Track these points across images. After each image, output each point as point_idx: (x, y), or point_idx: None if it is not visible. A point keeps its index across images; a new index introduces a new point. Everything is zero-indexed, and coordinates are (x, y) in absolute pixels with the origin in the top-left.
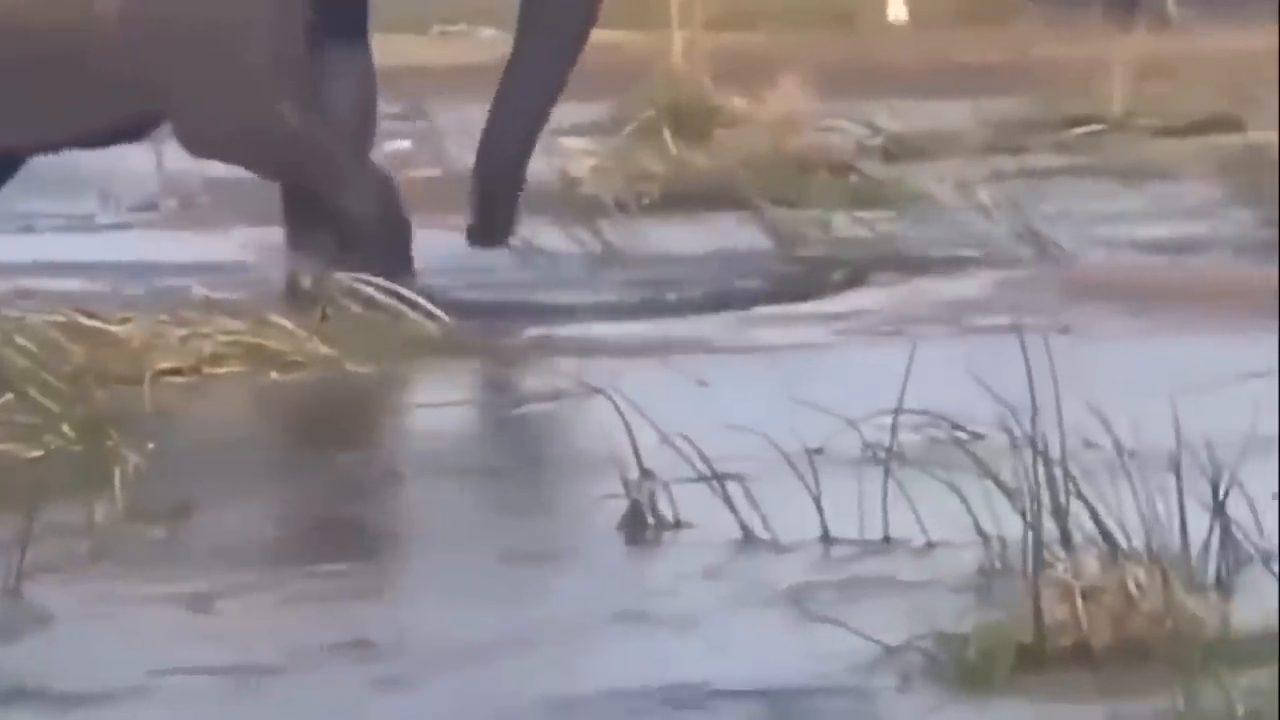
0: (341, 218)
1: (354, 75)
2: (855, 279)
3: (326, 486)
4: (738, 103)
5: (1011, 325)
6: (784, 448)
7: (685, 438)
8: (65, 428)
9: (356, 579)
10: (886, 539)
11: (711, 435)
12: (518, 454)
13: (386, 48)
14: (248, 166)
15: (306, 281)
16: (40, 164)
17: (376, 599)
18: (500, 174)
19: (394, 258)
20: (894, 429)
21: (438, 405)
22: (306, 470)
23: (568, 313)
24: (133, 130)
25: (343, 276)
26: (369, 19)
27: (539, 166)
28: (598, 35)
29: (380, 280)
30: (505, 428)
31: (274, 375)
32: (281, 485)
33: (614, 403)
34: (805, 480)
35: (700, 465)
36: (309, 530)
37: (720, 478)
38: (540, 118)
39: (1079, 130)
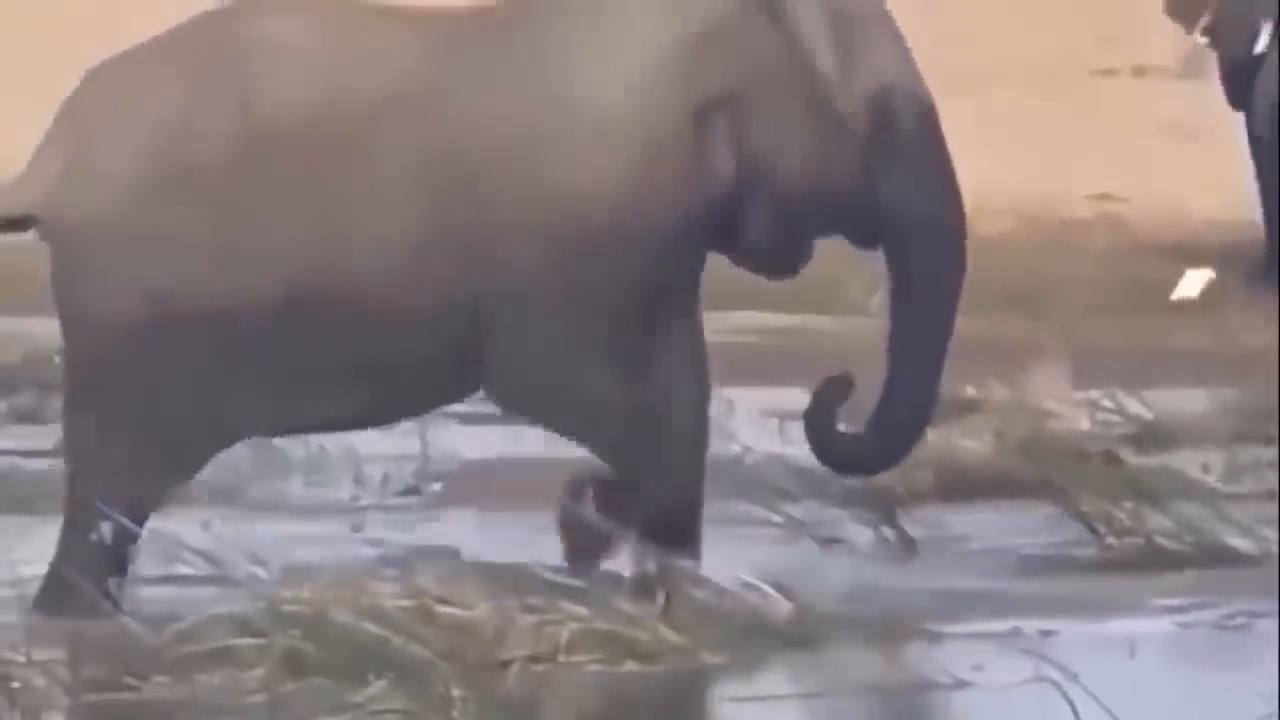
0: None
1: (685, 355)
2: (1173, 568)
3: None
4: (970, 389)
5: None
6: None
7: None
8: (456, 715)
9: None
10: None
11: None
12: None
13: None
14: (560, 429)
15: (650, 566)
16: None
17: None
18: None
19: (677, 541)
20: None
21: (822, 696)
22: None
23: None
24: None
25: (686, 562)
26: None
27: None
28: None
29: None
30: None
31: (630, 665)
32: None
33: (1067, 697)
34: None
35: None
36: None
37: None
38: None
39: None
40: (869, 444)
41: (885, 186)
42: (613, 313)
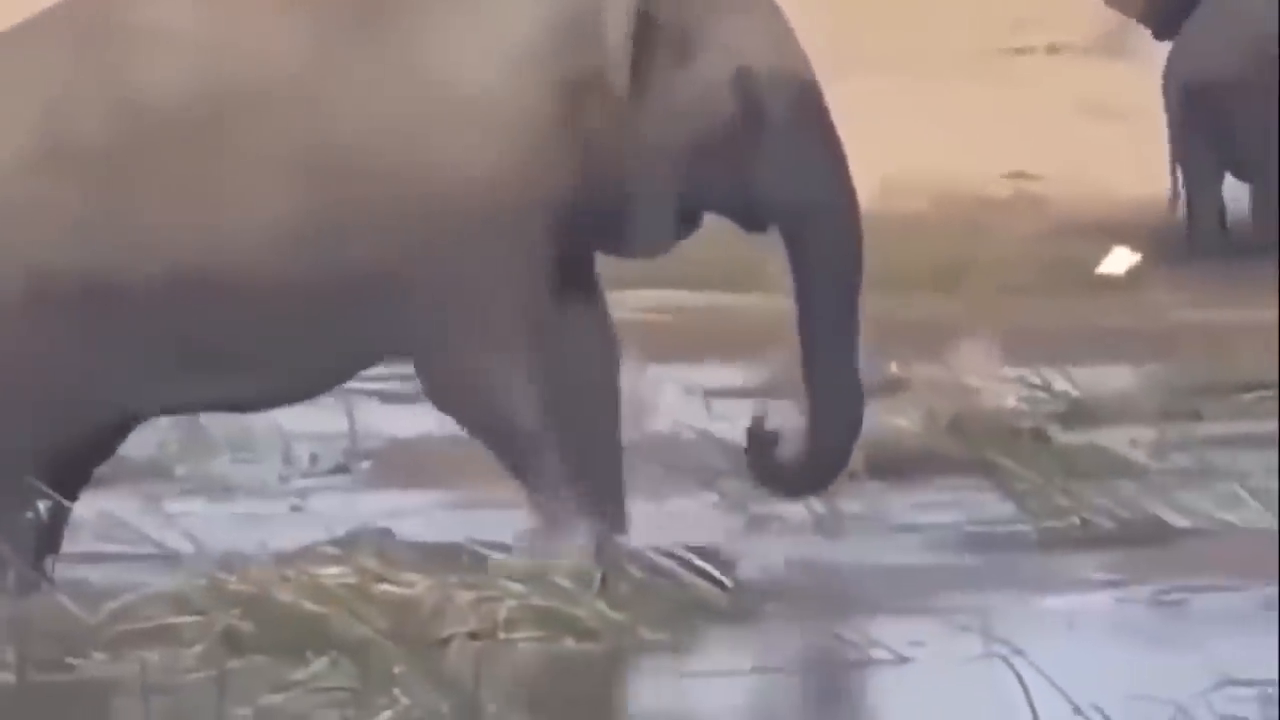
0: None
1: (594, 335)
2: (1107, 544)
3: None
4: (894, 366)
5: None
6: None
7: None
8: (397, 692)
9: None
10: None
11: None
12: None
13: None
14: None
15: (588, 543)
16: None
17: None
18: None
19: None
20: None
21: (762, 671)
22: None
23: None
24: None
25: (623, 540)
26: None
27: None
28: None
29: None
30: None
31: (569, 642)
32: None
33: (1016, 672)
34: None
35: None
36: None
37: None
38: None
39: (1252, 395)
40: (808, 468)
41: (759, 170)
42: (514, 301)
